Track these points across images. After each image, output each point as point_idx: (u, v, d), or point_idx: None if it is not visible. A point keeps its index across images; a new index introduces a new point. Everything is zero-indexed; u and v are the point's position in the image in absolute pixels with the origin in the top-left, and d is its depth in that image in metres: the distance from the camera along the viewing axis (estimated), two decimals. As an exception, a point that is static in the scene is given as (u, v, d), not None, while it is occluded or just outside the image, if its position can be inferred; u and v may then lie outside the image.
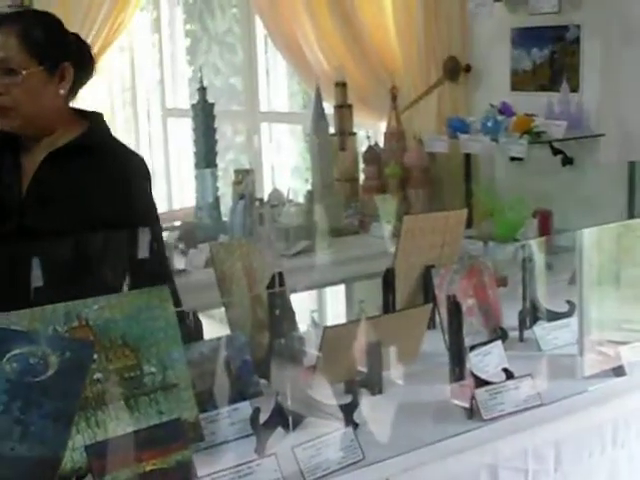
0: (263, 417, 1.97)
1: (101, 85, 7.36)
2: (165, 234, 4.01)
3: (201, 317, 2.41)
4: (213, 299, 2.59)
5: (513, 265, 3.04)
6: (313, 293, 4.64)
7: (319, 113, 4.32)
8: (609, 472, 2.36)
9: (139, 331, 1.89)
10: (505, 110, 3.97)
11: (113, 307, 1.87)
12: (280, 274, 2.32)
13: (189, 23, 7.08)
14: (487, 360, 2.35)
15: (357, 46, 4.65)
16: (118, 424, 1.83)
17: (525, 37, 4.08)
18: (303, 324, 3.51)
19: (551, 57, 3.99)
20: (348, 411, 2.03)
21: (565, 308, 2.69)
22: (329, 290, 4.79)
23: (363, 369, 2.27)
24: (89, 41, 6.64)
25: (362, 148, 4.64)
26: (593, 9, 3.82)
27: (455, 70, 4.34)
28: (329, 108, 4.56)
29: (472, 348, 2.33)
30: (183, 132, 6.82)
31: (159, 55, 7.02)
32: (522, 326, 2.68)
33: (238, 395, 2.11)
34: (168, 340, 1.92)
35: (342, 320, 4.57)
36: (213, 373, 2.10)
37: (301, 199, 4.37)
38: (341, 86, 4.52)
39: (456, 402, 2.17)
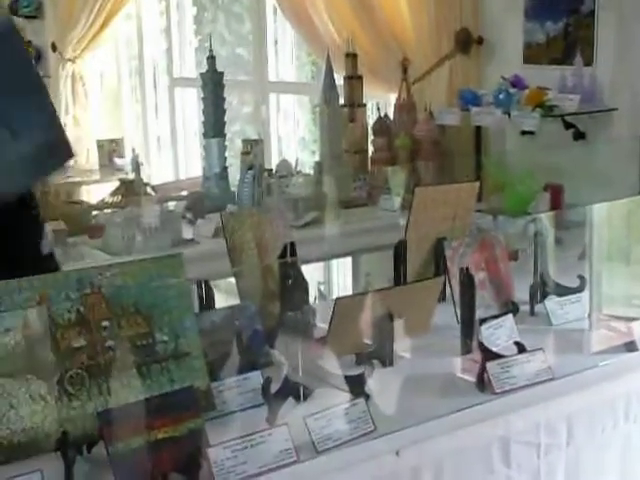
0: (274, 387, 1.96)
1: (108, 53, 7.33)
2: (172, 204, 4.00)
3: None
4: (221, 269, 2.59)
5: (523, 239, 3.02)
6: (321, 265, 4.63)
7: (329, 84, 4.29)
8: (622, 446, 2.35)
9: (151, 299, 1.88)
10: (517, 83, 3.94)
11: (126, 274, 1.86)
12: (292, 244, 2.30)
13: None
14: (498, 333, 2.34)
15: (368, 17, 4.61)
16: (130, 392, 1.82)
17: (539, 9, 4.04)
18: (310, 296, 3.50)
19: (565, 30, 3.95)
20: (359, 383, 2.03)
21: (576, 283, 2.67)
22: (336, 262, 4.79)
23: (374, 341, 2.26)
24: (96, 9, 6.70)
25: (372, 120, 4.60)
26: (609, -18, 3.78)
27: (467, 42, 4.31)
28: (339, 79, 4.52)
29: (483, 321, 2.32)
30: (190, 101, 6.80)
31: (166, 23, 6.98)
32: (533, 300, 2.67)
33: (249, 364, 2.10)
34: (180, 308, 1.91)
35: (349, 292, 4.59)
36: (224, 342, 2.09)
37: (309, 170, 4.35)
38: (351, 57, 4.49)
39: (464, 376, 2.16)
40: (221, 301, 2.40)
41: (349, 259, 4.35)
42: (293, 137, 6.10)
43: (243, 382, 2.04)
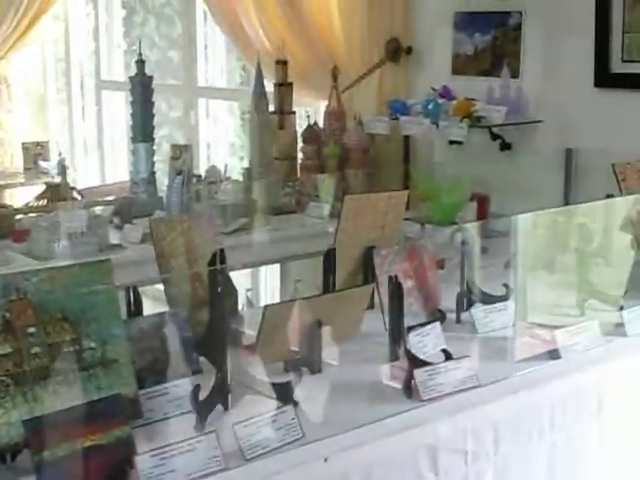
0: (203, 395, 1.95)
1: (34, 54, 7.22)
2: (99, 208, 3.95)
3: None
4: (149, 275, 2.57)
5: (450, 248, 3.06)
6: (249, 272, 4.62)
7: (259, 90, 4.28)
8: (548, 454, 2.39)
9: (79, 305, 1.85)
10: (446, 94, 3.99)
11: (53, 280, 1.83)
12: (222, 251, 2.29)
13: (125, -7, 6.96)
14: (425, 341, 2.36)
15: (299, 24, 4.62)
16: (56, 399, 1.79)
17: (468, 21, 4.10)
18: (239, 303, 3.49)
19: (493, 42, 4.02)
20: (287, 390, 2.03)
21: (502, 291, 2.71)
22: (265, 269, 4.78)
23: (302, 348, 2.27)
24: (22, 9, 6.59)
25: (301, 127, 4.61)
26: (536, -3, 3.85)
27: (397, 52, 4.35)
28: (269, 85, 4.52)
29: (410, 329, 2.34)
30: (118, 104, 6.73)
31: (94, 25, 6.89)
32: (459, 308, 2.70)
33: (178, 372, 2.09)
34: (108, 315, 1.89)
35: (277, 300, 4.58)
36: (153, 349, 2.07)
37: (238, 176, 4.33)
38: (282, 64, 4.49)
39: (392, 383, 2.18)
40: (149, 308, 2.38)
41: (278, 266, 4.35)
42: (222, 143, 6.08)
43: (172, 389, 2.02)
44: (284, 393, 2.02)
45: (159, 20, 6.80)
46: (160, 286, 2.43)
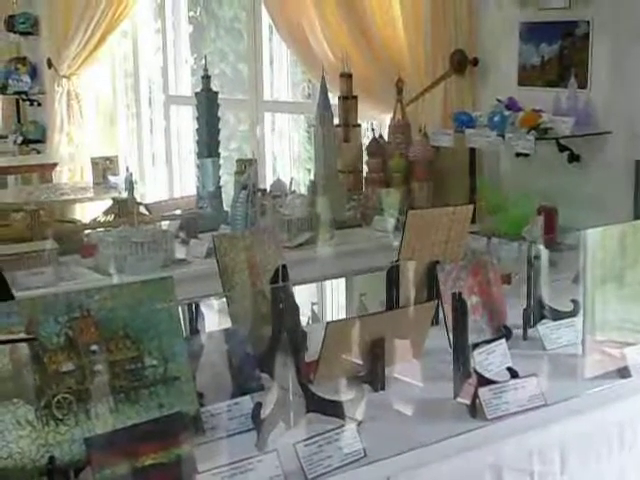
0: (264, 412, 1.94)
1: (104, 70, 7.34)
2: (166, 223, 3.99)
3: (204, 304, 2.40)
4: (213, 289, 2.58)
5: (517, 262, 3.02)
6: (314, 285, 4.62)
7: (324, 104, 4.28)
8: (617, 476, 2.33)
9: (141, 323, 1.86)
10: (512, 105, 3.94)
11: (115, 298, 1.84)
12: (284, 267, 2.29)
13: (192, 10, 7.04)
14: (491, 359, 2.33)
15: (363, 37, 4.61)
16: (118, 417, 1.81)
17: (534, 32, 4.04)
18: (304, 317, 3.50)
19: (560, 53, 3.95)
20: (350, 408, 2.01)
21: (570, 307, 2.66)
22: (330, 283, 4.77)
23: (365, 365, 2.25)
24: (92, 26, 6.72)
25: (366, 140, 4.60)
26: (603, 5, 3.78)
27: (462, 63, 4.31)
28: (333, 99, 4.52)
29: (476, 346, 2.31)
30: (185, 119, 6.80)
31: (162, 41, 6.98)
32: (526, 325, 2.66)
33: (239, 389, 2.09)
34: (170, 332, 1.90)
35: (342, 313, 4.58)
36: (215, 366, 2.08)
37: (303, 190, 4.34)
38: (346, 77, 4.48)
39: (456, 402, 2.15)
40: (214, 321, 2.39)
41: (343, 280, 4.33)
42: (288, 156, 6.10)
43: (233, 407, 2.02)
44: (346, 411, 2.00)
45: (229, 34, 6.86)
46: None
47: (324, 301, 5.02)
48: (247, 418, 1.99)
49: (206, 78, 4.23)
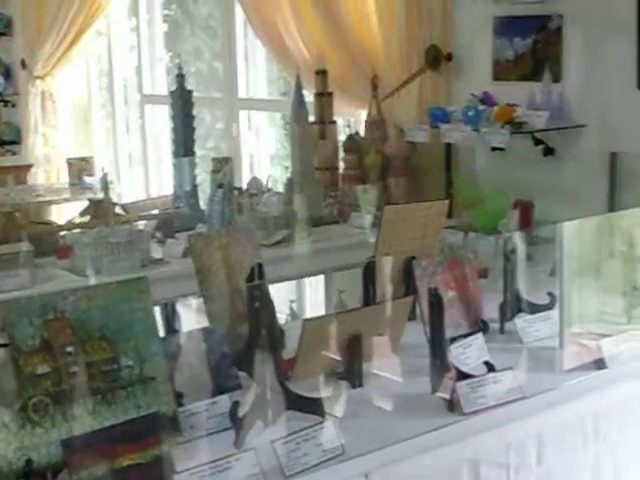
0: (242, 411, 1.94)
1: (78, 70, 7.30)
2: (142, 223, 3.97)
3: (178, 307, 2.39)
4: (190, 289, 2.57)
5: (493, 256, 3.03)
6: (292, 283, 4.62)
7: (299, 101, 4.28)
8: (592, 466, 2.35)
9: (117, 323, 1.85)
10: (487, 100, 3.95)
11: (90, 299, 1.83)
12: (260, 265, 2.28)
13: (167, 8, 7.01)
14: (468, 353, 2.33)
15: (337, 34, 4.61)
16: (95, 418, 1.80)
17: (507, 26, 4.05)
18: (282, 314, 3.50)
19: (533, 47, 3.97)
20: (328, 404, 2.01)
21: (546, 300, 2.67)
22: (308, 280, 4.77)
23: (343, 362, 2.25)
24: (66, 25, 6.67)
25: (342, 137, 4.60)
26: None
27: (436, 59, 4.31)
28: (309, 96, 4.52)
29: (453, 340, 2.32)
30: (161, 118, 6.78)
31: (137, 40, 6.95)
32: (503, 318, 2.67)
33: (217, 388, 2.08)
34: (146, 333, 1.89)
35: (321, 310, 4.57)
36: (192, 366, 2.07)
37: (280, 187, 4.33)
38: (322, 74, 4.49)
39: (434, 397, 2.15)
40: (191, 321, 2.38)
41: (321, 277, 4.33)
42: (264, 154, 6.09)
43: (211, 406, 2.02)
44: (324, 408, 2.00)
45: (204, 32, 6.84)
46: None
47: (303, 298, 5.02)
48: (225, 417, 1.98)
49: (180, 77, 4.22)
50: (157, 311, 2.21)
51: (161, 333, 2.10)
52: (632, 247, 2.59)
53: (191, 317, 2.51)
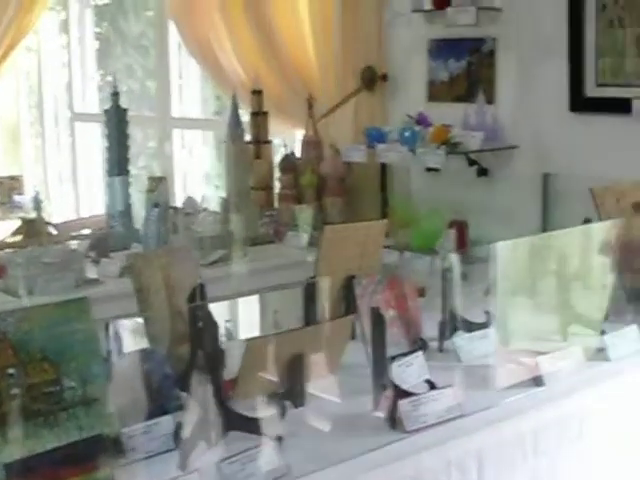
0: (186, 431, 1.92)
1: (7, 86, 7.18)
2: (75, 242, 3.92)
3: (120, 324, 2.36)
4: (127, 309, 2.53)
5: (430, 275, 3.05)
6: (228, 303, 4.59)
7: (235, 120, 4.27)
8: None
9: (59, 345, 1.82)
10: (422, 120, 3.99)
11: (32, 320, 1.80)
12: (201, 286, 2.27)
13: (99, 26, 6.95)
14: (409, 371, 2.35)
15: (273, 54, 4.62)
16: (37, 441, 1.76)
17: (442, 48, 4.11)
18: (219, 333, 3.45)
19: (467, 69, 4.03)
20: (271, 424, 2.00)
21: (483, 318, 2.70)
22: (244, 300, 4.74)
23: (285, 382, 2.24)
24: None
25: (278, 156, 4.61)
26: (509, 23, 3.87)
27: (372, 79, 4.35)
28: (245, 115, 4.52)
29: (393, 359, 2.33)
30: (93, 137, 6.70)
31: (67, 57, 6.87)
32: (442, 337, 2.69)
33: (159, 409, 2.06)
34: (88, 354, 1.86)
35: (256, 330, 4.54)
36: (134, 387, 2.05)
37: (214, 207, 4.31)
38: (257, 94, 4.49)
39: (376, 415, 2.16)
40: (132, 342, 2.35)
41: (257, 297, 4.31)
42: (198, 173, 6.06)
43: (154, 427, 1.99)
44: (267, 428, 2.00)
45: (136, 51, 6.80)
46: (141, 320, 2.41)
47: (238, 319, 4.98)
48: (168, 438, 1.97)
49: (115, 95, 4.18)
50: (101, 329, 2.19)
51: (103, 354, 2.08)
52: (565, 266, 2.63)
53: (131, 338, 2.48)
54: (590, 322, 2.67)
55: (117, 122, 4.16)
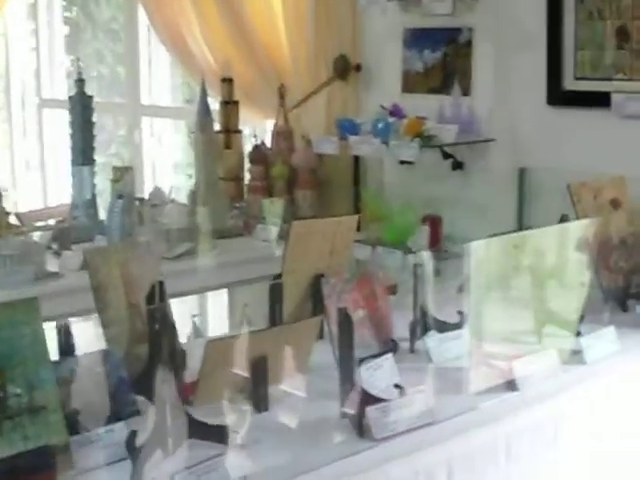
0: (141, 439, 1.82)
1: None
2: (38, 234, 3.80)
3: (76, 323, 2.26)
4: (87, 304, 2.42)
5: (402, 271, 2.97)
6: (195, 298, 4.49)
7: (204, 109, 4.16)
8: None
9: (3, 348, 1.71)
10: (396, 112, 3.90)
11: (-27, 321, 1.69)
12: (160, 284, 2.16)
13: (68, 10, 6.81)
14: (378, 374, 2.26)
15: (244, 41, 4.52)
16: (-22, 452, 1.66)
17: (417, 38, 4.02)
18: (185, 329, 3.37)
19: (443, 59, 3.94)
20: (230, 432, 1.91)
21: (456, 318, 2.62)
22: (212, 294, 4.64)
23: (247, 385, 2.15)
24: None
25: (248, 146, 4.50)
26: (486, 13, 3.79)
27: (345, 69, 4.25)
28: (214, 104, 4.41)
29: (362, 361, 2.24)
30: (61, 123, 6.56)
31: (35, 42, 6.73)
32: (413, 337, 2.60)
33: (114, 415, 1.96)
34: (35, 358, 1.75)
35: (225, 325, 4.46)
36: (87, 391, 1.94)
37: (183, 198, 4.21)
38: (227, 82, 4.39)
39: (343, 422, 2.07)
40: (87, 341, 2.25)
41: (225, 291, 4.22)
42: (168, 162, 5.94)
43: (106, 435, 1.89)
44: (227, 436, 1.90)
45: (107, 35, 6.67)
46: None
47: (206, 313, 4.89)
48: (122, 446, 1.86)
49: (80, 81, 4.05)
50: (52, 330, 2.09)
51: (54, 356, 1.97)
52: (540, 265, 2.55)
53: (87, 337, 2.37)
54: (566, 323, 2.60)
55: (82, 109, 4.04)
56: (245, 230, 4.13)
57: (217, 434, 1.92)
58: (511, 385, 2.33)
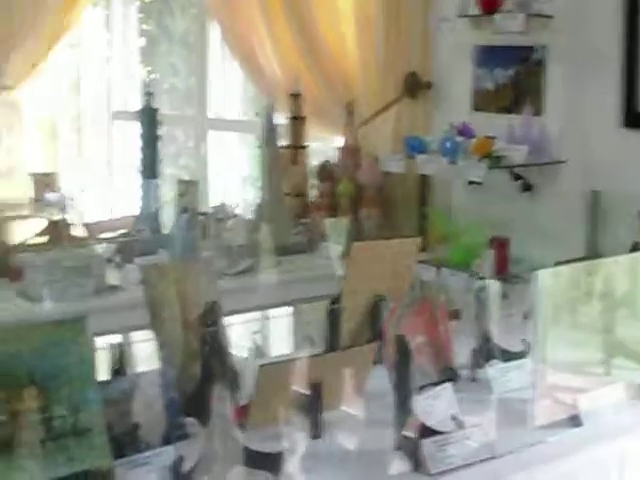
0: (188, 465, 1.77)
1: (47, 82, 7.11)
2: (102, 246, 3.79)
3: (136, 337, 2.23)
4: (147, 319, 2.40)
5: (467, 294, 2.89)
6: (256, 314, 4.46)
7: (271, 124, 4.13)
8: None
9: (49, 368, 1.68)
10: (465, 131, 3.82)
11: (20, 340, 1.65)
12: (214, 303, 2.12)
13: (145, 23, 6.87)
14: (436, 404, 2.18)
15: (314, 57, 4.49)
16: (23, 474, 1.62)
17: (489, 56, 3.94)
18: (245, 346, 3.34)
19: (515, 78, 3.86)
20: (281, 460, 1.85)
21: (520, 346, 2.53)
22: (274, 312, 4.61)
23: (300, 412, 2.09)
24: (36, 36, 6.48)
25: (314, 162, 4.46)
26: (559, 31, 3.70)
27: (415, 86, 4.19)
28: (282, 119, 4.38)
29: (419, 390, 2.16)
30: (132, 135, 6.60)
31: (110, 54, 6.79)
32: (474, 365, 2.52)
33: (163, 438, 1.91)
34: (82, 379, 1.71)
35: (286, 343, 4.41)
36: (133, 413, 1.90)
37: (249, 213, 4.18)
38: (295, 97, 4.36)
39: (397, 453, 2.00)
40: (141, 359, 2.22)
41: (287, 309, 4.17)
42: (235, 176, 5.93)
43: (152, 459, 1.84)
44: (277, 464, 1.84)
45: (182, 48, 6.71)
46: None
47: (267, 330, 4.85)
48: (168, 472, 1.81)
49: (148, 95, 4.05)
50: (106, 346, 2.06)
51: (105, 376, 1.94)
52: (610, 294, 2.46)
53: (142, 355, 2.34)
54: (636, 354, 2.49)
55: (148, 123, 4.04)
56: (308, 247, 4.08)
57: (270, 462, 1.86)
58: (575, 420, 2.24)
